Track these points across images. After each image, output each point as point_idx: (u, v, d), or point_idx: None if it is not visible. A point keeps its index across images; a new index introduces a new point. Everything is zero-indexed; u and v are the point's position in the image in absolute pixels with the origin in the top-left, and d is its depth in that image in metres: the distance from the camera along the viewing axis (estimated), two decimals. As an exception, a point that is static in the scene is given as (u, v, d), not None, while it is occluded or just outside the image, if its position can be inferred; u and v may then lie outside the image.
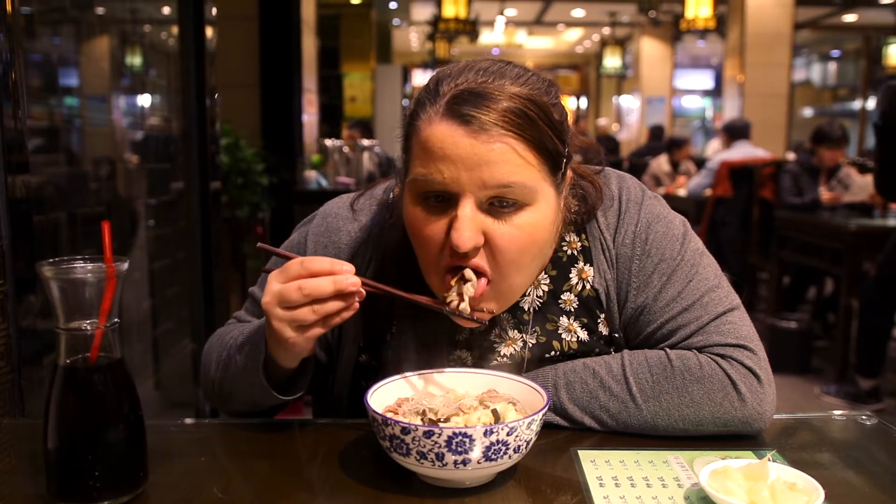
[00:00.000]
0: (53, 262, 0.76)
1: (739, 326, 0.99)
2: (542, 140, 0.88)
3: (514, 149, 0.86)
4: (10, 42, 1.50)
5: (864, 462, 0.91)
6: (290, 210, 4.40)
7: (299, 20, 4.99)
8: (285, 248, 1.13)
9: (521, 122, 0.86)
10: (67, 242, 2.03)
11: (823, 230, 4.25)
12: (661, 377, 0.95)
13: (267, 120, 4.75)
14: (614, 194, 1.06)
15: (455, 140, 0.86)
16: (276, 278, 0.87)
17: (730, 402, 0.94)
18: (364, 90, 9.88)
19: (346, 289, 0.84)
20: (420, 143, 0.89)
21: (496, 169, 0.85)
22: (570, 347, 1.03)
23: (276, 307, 0.86)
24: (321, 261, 0.85)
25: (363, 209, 1.10)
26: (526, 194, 0.88)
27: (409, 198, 0.93)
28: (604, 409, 0.96)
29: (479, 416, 0.82)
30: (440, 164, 0.86)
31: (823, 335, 4.73)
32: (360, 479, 0.84)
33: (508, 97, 0.86)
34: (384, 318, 1.05)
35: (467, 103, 0.86)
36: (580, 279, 1.04)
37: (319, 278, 0.84)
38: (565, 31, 15.94)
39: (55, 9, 2.08)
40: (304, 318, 0.85)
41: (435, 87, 0.90)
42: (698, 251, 1.04)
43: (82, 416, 0.77)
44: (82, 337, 0.77)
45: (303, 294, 0.84)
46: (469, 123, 0.85)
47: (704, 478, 0.76)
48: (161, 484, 0.83)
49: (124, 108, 2.57)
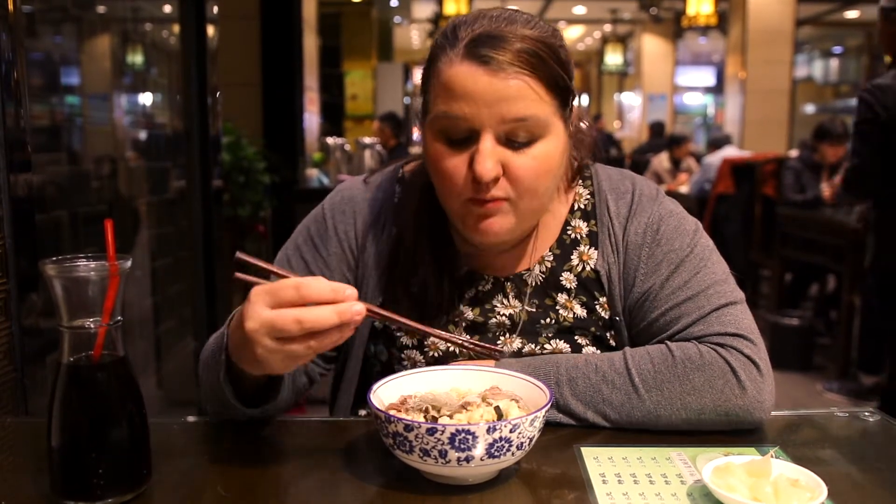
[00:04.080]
0: (57, 260, 0.76)
1: (741, 319, 1.01)
2: (553, 77, 0.95)
3: (529, 85, 0.93)
4: (11, 41, 1.50)
5: (867, 458, 0.91)
6: (291, 208, 4.40)
7: (300, 18, 4.99)
8: (297, 237, 1.14)
9: (534, 60, 0.93)
10: (69, 241, 2.03)
11: (826, 227, 4.25)
12: (663, 366, 0.97)
13: (268, 118, 4.75)
14: (629, 188, 1.11)
15: (475, 79, 0.92)
16: (263, 300, 0.78)
17: (730, 390, 0.96)
18: (365, 88, 9.88)
19: (351, 319, 0.77)
20: (441, 83, 0.95)
21: (513, 104, 0.92)
22: (565, 320, 1.08)
23: (265, 337, 0.77)
24: (320, 287, 0.77)
25: (375, 183, 1.15)
26: (540, 127, 0.95)
27: (430, 135, 0.99)
28: (607, 403, 0.97)
29: (483, 413, 0.82)
30: (461, 102, 0.93)
31: (826, 332, 4.73)
32: (364, 476, 0.84)
33: (521, 39, 0.93)
34: (401, 276, 1.09)
35: (485, 45, 0.92)
36: (581, 261, 1.10)
37: (320, 310, 0.76)
38: (566, 28, 15.93)
39: (57, 7, 2.08)
40: (297, 353, 0.78)
41: (453, 32, 0.96)
42: (708, 247, 1.08)
43: (86, 414, 0.77)
44: (86, 335, 0.77)
45: (301, 328, 0.76)
46: (487, 63, 0.92)
47: (707, 474, 0.76)
48: (164, 482, 0.83)
49: (126, 106, 2.57)
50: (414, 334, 1.09)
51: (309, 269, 1.10)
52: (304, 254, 1.12)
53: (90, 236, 2.08)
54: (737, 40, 9.00)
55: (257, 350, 0.78)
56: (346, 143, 6.08)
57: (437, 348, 1.09)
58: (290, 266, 1.11)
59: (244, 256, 0.82)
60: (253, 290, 0.80)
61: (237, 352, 0.85)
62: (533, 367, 1.00)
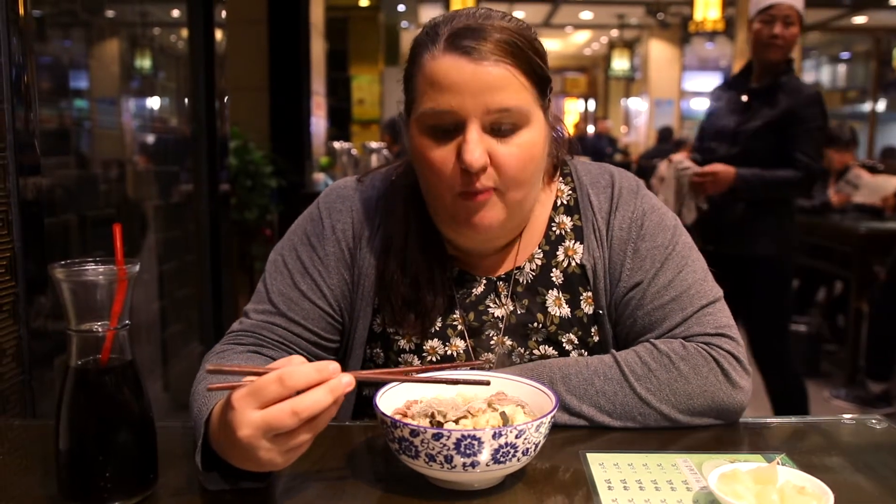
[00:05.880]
0: (65, 264, 0.77)
1: (719, 317, 1.06)
2: (532, 66, 0.98)
3: (511, 73, 0.95)
4: (22, 45, 1.51)
5: (874, 466, 0.91)
6: (298, 212, 4.39)
7: (308, 23, 5.01)
8: (292, 237, 1.13)
9: (514, 50, 0.96)
10: (77, 244, 2.04)
11: (833, 233, 4.23)
12: (650, 358, 1.01)
13: (275, 122, 4.77)
14: (609, 181, 1.13)
15: (459, 68, 0.94)
16: (248, 404, 0.72)
17: (715, 377, 1.00)
18: (372, 92, 9.90)
19: (344, 392, 0.74)
20: (426, 77, 0.97)
21: (496, 94, 0.94)
22: (552, 322, 1.09)
23: (261, 440, 0.72)
24: (305, 372, 0.73)
25: (369, 182, 1.16)
26: (522, 117, 0.97)
27: (415, 131, 1.00)
28: (601, 394, 0.99)
29: (488, 418, 0.82)
30: (447, 95, 0.95)
31: (833, 338, 4.71)
32: (369, 481, 0.84)
33: (500, 30, 0.96)
34: (393, 279, 1.08)
35: (465, 37, 0.95)
36: (566, 256, 1.11)
37: (313, 394, 0.72)
38: (573, 33, 15.93)
39: (66, 12, 2.09)
40: (299, 444, 0.74)
41: (433, 29, 0.99)
42: (688, 245, 1.11)
43: (93, 417, 0.77)
44: (93, 339, 0.78)
45: (300, 419, 0.71)
46: (469, 53, 0.94)
47: (713, 481, 0.76)
48: (171, 485, 0.83)
49: (134, 110, 2.58)
50: (411, 338, 1.09)
51: (306, 269, 1.09)
52: (301, 254, 1.10)
53: (98, 240, 2.09)
54: (744, 45, 8.97)
55: (259, 454, 0.73)
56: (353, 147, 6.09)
57: (434, 352, 1.09)
58: (287, 267, 1.10)
59: (216, 366, 0.78)
60: (233, 396, 0.73)
61: (231, 455, 0.77)
62: (527, 370, 1.01)
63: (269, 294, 1.09)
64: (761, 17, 2.67)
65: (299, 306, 1.08)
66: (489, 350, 1.09)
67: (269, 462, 0.74)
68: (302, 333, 1.08)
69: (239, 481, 0.81)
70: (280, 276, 1.10)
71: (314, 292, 1.08)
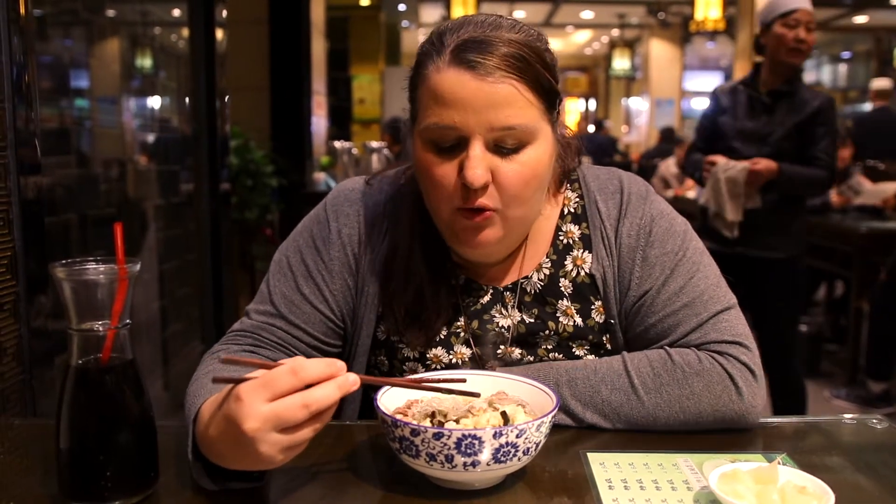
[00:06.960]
0: (66, 263, 0.77)
1: (735, 324, 1.02)
2: (539, 80, 0.95)
3: (517, 89, 0.92)
4: (23, 44, 1.51)
5: (875, 466, 0.91)
6: (299, 211, 4.39)
7: (309, 23, 5.01)
8: (298, 238, 1.12)
9: (521, 64, 0.92)
10: (78, 243, 2.04)
11: (834, 233, 4.23)
12: (662, 370, 0.98)
13: (276, 122, 4.77)
14: (617, 187, 1.11)
15: (463, 84, 0.92)
16: (259, 396, 0.71)
17: (728, 396, 0.97)
18: (373, 92, 9.90)
19: (350, 390, 0.74)
20: (430, 91, 0.95)
21: (501, 111, 0.92)
22: (564, 330, 1.07)
23: (269, 433, 0.71)
24: (317, 366, 0.73)
25: (378, 185, 1.14)
26: (528, 134, 0.94)
27: (419, 144, 0.98)
28: (606, 404, 0.97)
29: (489, 418, 0.82)
30: (451, 110, 0.93)
31: (834, 338, 4.71)
32: (370, 480, 0.85)
33: (507, 43, 0.92)
34: (397, 288, 1.07)
35: (471, 51, 0.92)
36: (575, 265, 1.09)
37: (323, 388, 0.72)
38: (574, 32, 15.93)
39: (67, 11, 2.09)
40: (304, 439, 0.74)
41: (439, 38, 0.96)
42: (699, 250, 1.08)
43: (94, 416, 0.77)
44: (94, 338, 0.78)
45: (310, 412, 0.71)
46: (475, 68, 0.91)
47: (714, 481, 0.76)
48: (171, 485, 0.83)
49: (135, 110, 2.58)
50: (415, 347, 1.08)
51: (310, 273, 1.08)
52: (306, 258, 1.09)
53: (99, 239, 2.09)
54: (745, 45, 8.97)
55: (260, 449, 0.72)
56: (354, 146, 6.09)
57: (439, 360, 1.08)
58: (291, 269, 1.09)
59: (231, 357, 0.78)
60: (240, 388, 0.72)
61: (225, 452, 0.76)
62: (533, 370, 1.01)
63: (271, 295, 1.08)
64: (783, 21, 2.69)
65: (300, 310, 1.07)
66: (495, 358, 1.08)
67: (267, 458, 0.73)
68: (302, 337, 1.07)
69: (227, 482, 0.81)
70: (283, 277, 1.09)
71: (316, 297, 1.07)
